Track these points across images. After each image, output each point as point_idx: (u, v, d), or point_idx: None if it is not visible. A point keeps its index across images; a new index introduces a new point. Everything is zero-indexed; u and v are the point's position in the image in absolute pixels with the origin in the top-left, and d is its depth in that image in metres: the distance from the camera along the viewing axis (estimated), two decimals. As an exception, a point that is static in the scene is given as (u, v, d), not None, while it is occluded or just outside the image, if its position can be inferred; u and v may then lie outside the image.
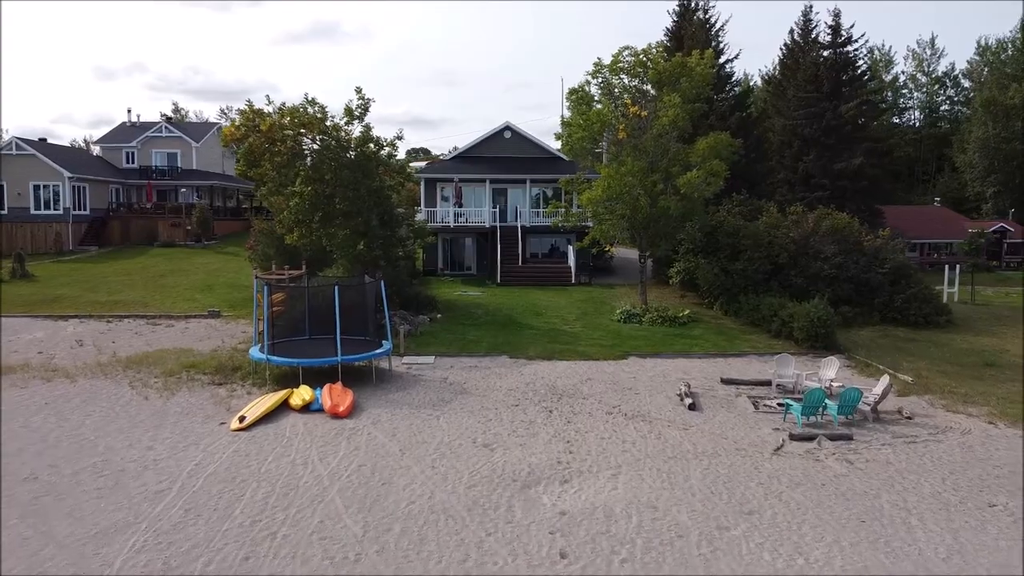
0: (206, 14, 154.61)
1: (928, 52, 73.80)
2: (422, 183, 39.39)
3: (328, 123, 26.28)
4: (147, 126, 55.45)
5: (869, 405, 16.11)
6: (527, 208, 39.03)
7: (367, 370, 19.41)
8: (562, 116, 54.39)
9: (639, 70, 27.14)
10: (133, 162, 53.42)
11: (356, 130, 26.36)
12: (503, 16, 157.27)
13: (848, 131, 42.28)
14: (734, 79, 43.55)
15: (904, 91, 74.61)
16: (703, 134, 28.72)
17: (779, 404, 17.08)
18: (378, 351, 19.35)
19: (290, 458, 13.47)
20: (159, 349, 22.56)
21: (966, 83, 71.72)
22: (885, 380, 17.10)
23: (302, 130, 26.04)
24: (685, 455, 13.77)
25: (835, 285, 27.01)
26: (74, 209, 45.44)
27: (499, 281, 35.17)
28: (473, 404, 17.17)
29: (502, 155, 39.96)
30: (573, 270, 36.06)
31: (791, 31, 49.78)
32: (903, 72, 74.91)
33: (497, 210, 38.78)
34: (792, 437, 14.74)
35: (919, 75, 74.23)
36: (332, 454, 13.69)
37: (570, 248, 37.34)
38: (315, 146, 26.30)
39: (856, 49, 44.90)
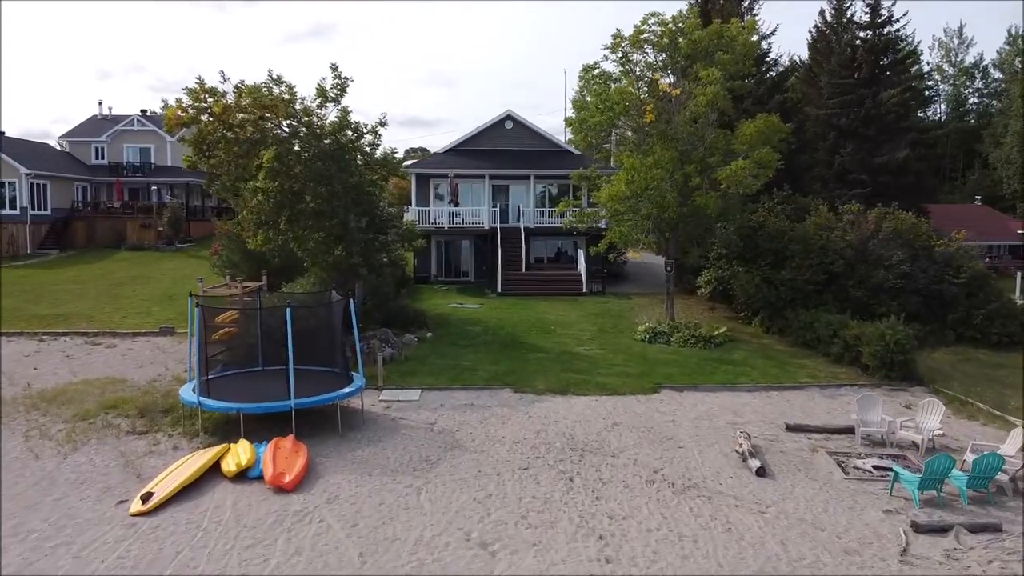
0: (204, 14, 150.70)
1: (956, 42, 69.37)
2: (413, 179, 35.11)
3: (297, 106, 22.09)
4: (118, 119, 51.01)
5: (1008, 474, 11.81)
6: (531, 207, 34.67)
7: (332, 412, 15.12)
8: (572, 99, 49.99)
9: (667, 42, 22.72)
10: (102, 158, 49.08)
11: (331, 115, 22.17)
12: (501, 16, 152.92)
13: (890, 121, 37.74)
14: (770, 59, 38.79)
15: (929, 83, 70.06)
16: (741, 119, 24.38)
17: (875, 468, 12.81)
18: (345, 390, 15.02)
19: (197, 572, 9.18)
20: (84, 379, 18.43)
21: (997, 74, 67.19)
22: (1020, 435, 12.79)
23: (266, 114, 21.82)
24: (775, 564, 9.46)
25: (901, 298, 22.61)
26: (32, 208, 41.31)
27: (500, 290, 30.89)
28: (467, 466, 12.89)
29: (503, 148, 35.59)
30: (584, 277, 31.71)
31: (821, 12, 45.51)
32: (928, 63, 70.50)
33: (497, 209, 34.41)
34: (917, 528, 10.44)
35: (946, 66, 69.80)
36: (260, 562, 9.40)
37: (580, 252, 33.06)
38: (282, 133, 22.11)
39: (898, 30, 40.49)
